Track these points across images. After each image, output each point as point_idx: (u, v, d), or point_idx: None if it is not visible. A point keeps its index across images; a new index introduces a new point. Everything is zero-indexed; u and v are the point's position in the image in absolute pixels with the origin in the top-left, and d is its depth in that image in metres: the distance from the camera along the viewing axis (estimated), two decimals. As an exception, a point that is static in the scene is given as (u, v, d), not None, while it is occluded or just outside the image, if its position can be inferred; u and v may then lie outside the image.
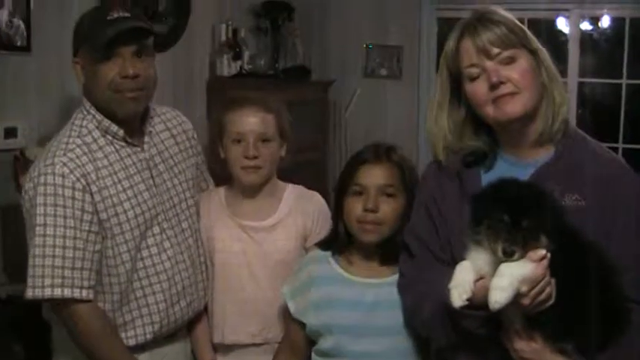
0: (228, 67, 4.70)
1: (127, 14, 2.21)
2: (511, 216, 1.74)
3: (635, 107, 5.30)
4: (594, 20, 5.42)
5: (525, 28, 1.96)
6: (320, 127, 5.26)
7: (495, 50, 1.88)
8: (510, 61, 1.89)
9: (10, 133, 3.19)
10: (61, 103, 3.49)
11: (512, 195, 1.78)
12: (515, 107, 1.89)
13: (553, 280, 1.75)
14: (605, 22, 5.43)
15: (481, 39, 1.88)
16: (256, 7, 5.19)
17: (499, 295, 1.72)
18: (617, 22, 5.34)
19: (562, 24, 5.44)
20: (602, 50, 5.49)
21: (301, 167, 2.56)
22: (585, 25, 5.40)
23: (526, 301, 1.73)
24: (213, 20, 4.74)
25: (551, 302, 1.75)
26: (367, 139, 5.46)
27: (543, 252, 1.73)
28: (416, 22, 5.60)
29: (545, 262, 1.73)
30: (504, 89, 1.88)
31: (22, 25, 3.22)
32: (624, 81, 5.26)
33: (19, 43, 3.22)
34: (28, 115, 3.31)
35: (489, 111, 1.92)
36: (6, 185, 3.18)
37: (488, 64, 1.89)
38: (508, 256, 1.73)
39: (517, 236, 1.73)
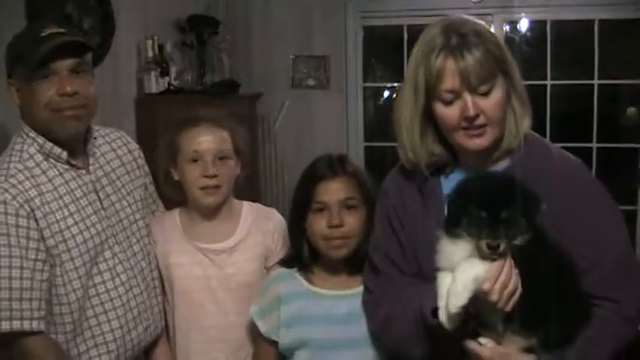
0: (156, 84, 4.61)
1: (60, 30, 2.13)
2: (488, 210, 1.74)
3: (559, 107, 5.44)
4: (517, 24, 5.53)
5: (500, 40, 1.93)
6: (250, 141, 5.19)
7: (476, 82, 1.84)
8: (487, 92, 1.86)
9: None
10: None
11: (486, 189, 1.79)
12: (483, 140, 1.90)
13: (516, 271, 1.76)
14: (528, 25, 5.54)
15: (466, 66, 1.83)
16: (181, 22, 5.12)
17: (454, 301, 1.74)
18: (539, 25, 5.46)
19: (485, 28, 5.53)
20: (525, 53, 5.60)
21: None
22: (509, 29, 5.51)
23: (493, 297, 1.74)
24: (138, 36, 4.64)
25: (518, 294, 1.76)
26: (297, 150, 5.54)
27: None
28: (341, 32, 5.60)
29: (498, 263, 1.75)
30: (476, 122, 1.87)
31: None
32: (548, 82, 5.39)
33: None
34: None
35: (457, 137, 1.91)
36: None
37: (468, 96, 1.85)
38: (493, 249, 1.74)
39: (498, 229, 1.74)
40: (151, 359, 2.38)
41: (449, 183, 1.99)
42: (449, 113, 1.89)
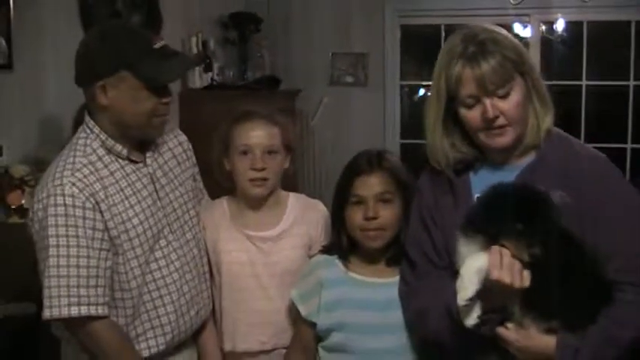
0: (199, 79, 4.77)
1: (164, 42, 2.26)
2: (523, 222, 1.87)
3: (594, 107, 5.48)
4: (554, 25, 5.59)
5: (518, 44, 2.05)
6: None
7: (493, 87, 1.97)
8: (505, 95, 1.99)
9: (-5, 151, 3.21)
10: (39, 121, 3.52)
11: (514, 203, 1.90)
12: (505, 139, 2.03)
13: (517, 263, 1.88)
14: (564, 26, 5.60)
15: (482, 73, 1.96)
16: (224, 19, 5.26)
17: (462, 294, 1.90)
18: (575, 25, 5.52)
19: (520, 29, 5.60)
20: (561, 53, 5.66)
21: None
22: (545, 30, 5.57)
23: (506, 279, 1.86)
24: (182, 33, 4.79)
25: (527, 275, 1.88)
26: (335, 145, 5.63)
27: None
28: (379, 29, 5.71)
29: (495, 249, 1.88)
30: (497, 122, 2.00)
31: (4, 44, 3.23)
32: (584, 82, 5.44)
33: (1, 61, 3.24)
34: (11, 133, 3.33)
35: (481, 137, 2.05)
36: (-8, 204, 3.21)
37: (487, 100, 1.99)
38: (535, 257, 1.86)
39: (534, 237, 1.86)
40: (198, 341, 2.51)
41: (477, 179, 2.12)
42: (471, 116, 2.02)
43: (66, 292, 2.09)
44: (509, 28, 5.63)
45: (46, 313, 2.11)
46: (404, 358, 2.26)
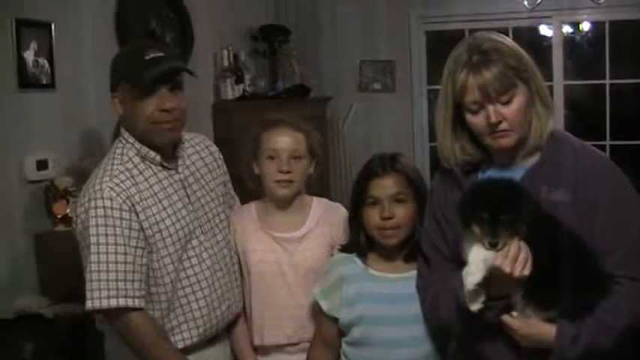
0: (231, 91, 4.93)
1: (161, 54, 2.44)
2: (489, 213, 2.02)
3: (618, 105, 5.54)
4: (575, 25, 5.71)
5: (521, 52, 2.17)
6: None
7: (495, 94, 2.10)
8: (508, 101, 2.12)
9: (42, 165, 3.42)
10: (81, 135, 3.73)
11: (488, 194, 2.07)
12: (508, 141, 2.15)
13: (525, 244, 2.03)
14: (585, 26, 5.71)
15: (484, 82, 2.09)
16: (254, 32, 5.42)
17: (470, 279, 2.04)
18: (597, 25, 5.63)
19: (545, 30, 5.73)
20: (584, 53, 5.75)
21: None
22: (567, 31, 5.69)
23: (506, 269, 2.00)
24: (214, 47, 4.97)
25: (529, 267, 2.02)
26: (365, 150, 5.78)
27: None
28: (405, 36, 5.87)
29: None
30: (500, 127, 2.13)
31: (47, 65, 3.45)
32: (607, 81, 5.52)
33: (44, 81, 3.45)
34: (55, 147, 3.53)
35: (487, 140, 2.17)
36: (39, 213, 3.42)
37: (490, 106, 2.11)
38: (493, 246, 2.02)
39: (497, 229, 2.02)
40: (231, 336, 2.70)
41: None
42: (476, 121, 2.15)
43: (105, 286, 2.30)
44: (535, 30, 5.77)
45: (88, 305, 2.32)
46: (422, 349, 2.41)
